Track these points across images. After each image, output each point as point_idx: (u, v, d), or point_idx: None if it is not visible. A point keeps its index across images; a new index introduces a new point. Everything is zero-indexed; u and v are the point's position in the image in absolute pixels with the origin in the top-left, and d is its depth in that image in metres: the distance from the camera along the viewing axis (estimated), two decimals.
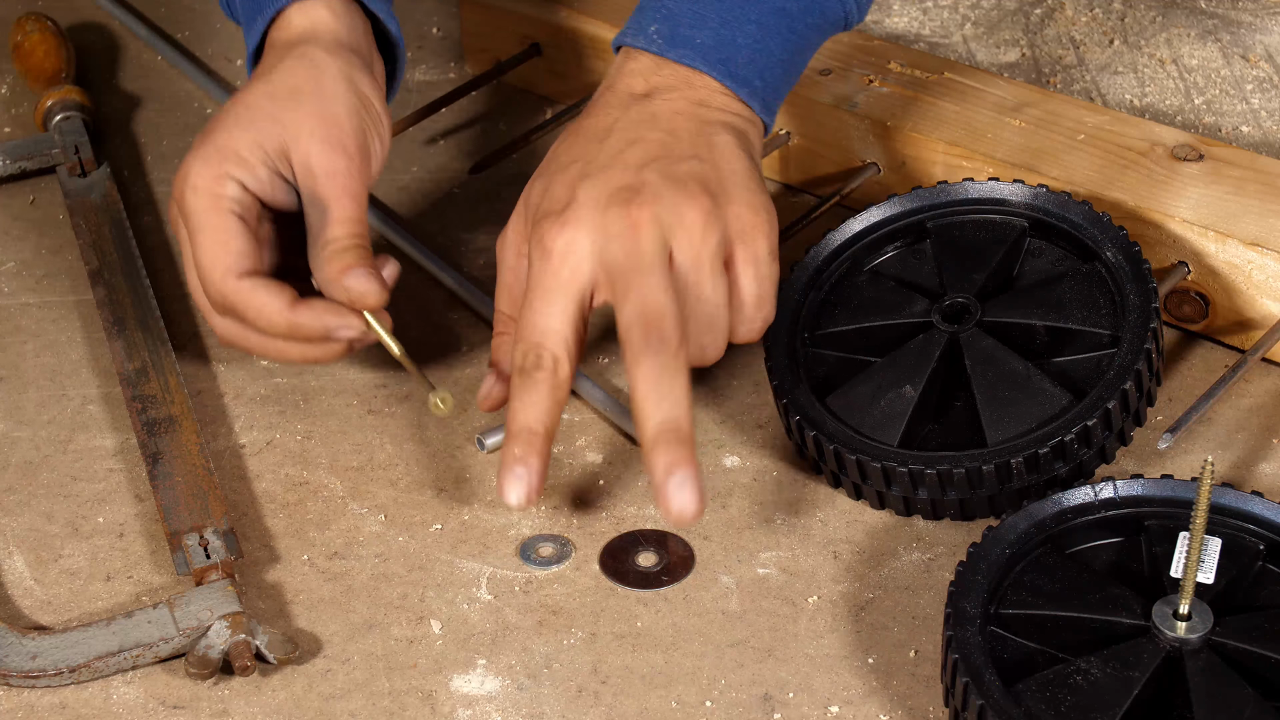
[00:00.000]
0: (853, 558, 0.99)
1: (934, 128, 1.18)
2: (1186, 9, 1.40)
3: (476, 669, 0.94)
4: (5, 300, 1.19)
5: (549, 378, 0.95)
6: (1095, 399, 0.98)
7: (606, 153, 0.99)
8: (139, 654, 0.94)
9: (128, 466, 1.07)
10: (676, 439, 0.93)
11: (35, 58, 1.35)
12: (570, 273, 0.96)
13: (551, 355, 0.95)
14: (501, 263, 1.03)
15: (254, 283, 1.01)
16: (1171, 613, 0.87)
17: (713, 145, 1.00)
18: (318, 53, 1.05)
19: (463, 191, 1.27)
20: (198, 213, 1.01)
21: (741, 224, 0.98)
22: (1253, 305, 1.08)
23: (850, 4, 1.06)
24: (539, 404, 0.95)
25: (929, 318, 1.04)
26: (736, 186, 0.99)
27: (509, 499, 0.96)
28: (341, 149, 1.02)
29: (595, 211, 0.96)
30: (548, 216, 0.97)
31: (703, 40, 1.02)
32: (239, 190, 1.02)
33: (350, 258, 1.01)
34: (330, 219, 1.01)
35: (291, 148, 1.02)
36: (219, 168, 1.01)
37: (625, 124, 1.01)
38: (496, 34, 1.35)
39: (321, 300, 1.02)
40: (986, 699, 0.85)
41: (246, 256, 1.01)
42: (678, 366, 0.94)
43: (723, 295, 0.98)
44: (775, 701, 0.92)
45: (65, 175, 1.27)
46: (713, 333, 0.98)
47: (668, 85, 1.02)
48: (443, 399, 1.01)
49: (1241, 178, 1.11)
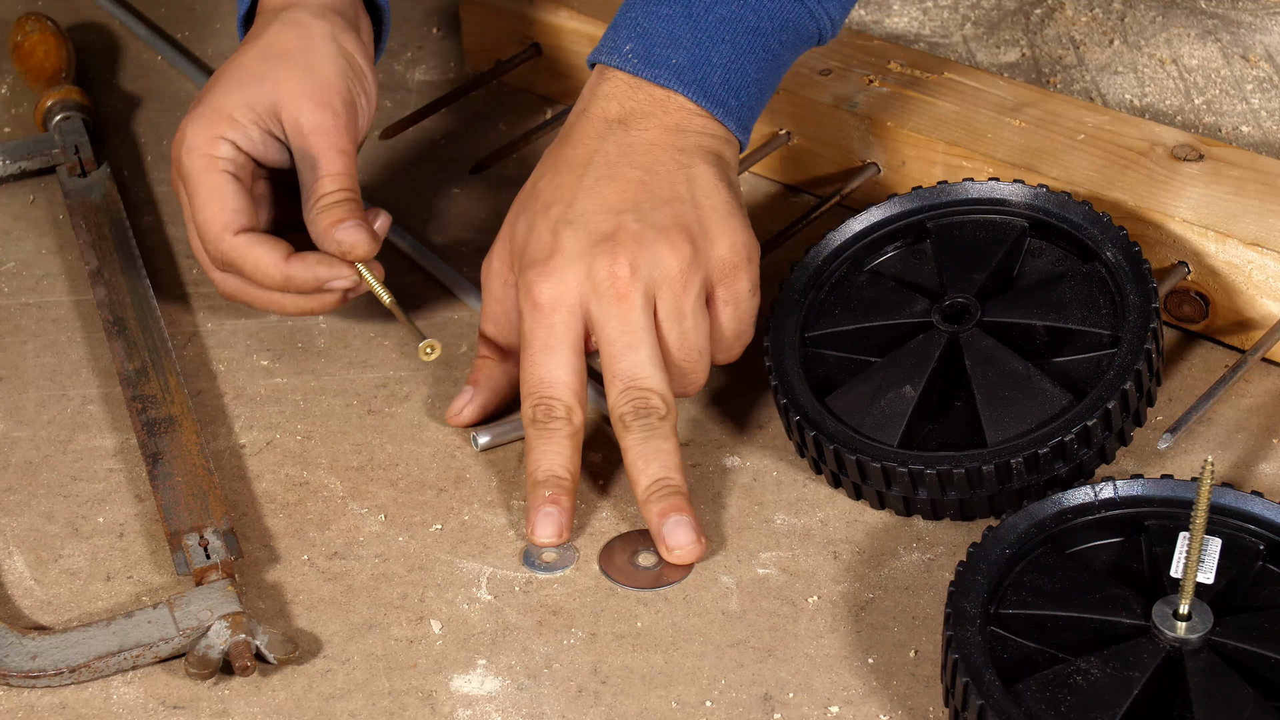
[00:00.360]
0: (853, 558, 0.99)
1: (934, 128, 1.18)
2: (1186, 9, 1.40)
3: (476, 669, 0.94)
4: (5, 300, 1.19)
5: (564, 426, 1.00)
6: (1095, 399, 0.98)
7: (585, 191, 1.02)
8: (139, 654, 0.94)
9: (128, 466, 1.07)
10: (669, 491, 0.99)
11: (35, 58, 1.35)
12: (563, 323, 1.00)
13: (564, 405, 1.00)
14: (487, 291, 1.07)
15: (249, 238, 1.06)
16: (1171, 613, 0.87)
17: (692, 179, 1.03)
18: (304, 16, 1.10)
19: (463, 191, 1.27)
20: (194, 174, 1.06)
21: (723, 266, 1.02)
22: (1253, 305, 1.08)
23: (824, 21, 1.07)
24: (560, 452, 1.00)
25: (929, 318, 1.04)
26: (717, 225, 1.02)
27: (540, 538, 1.00)
28: (328, 106, 1.07)
29: (580, 262, 1.00)
30: (534, 265, 1.01)
31: (678, 60, 1.03)
32: (233, 150, 1.07)
33: (340, 211, 1.05)
34: (320, 174, 1.06)
35: (281, 107, 1.07)
36: (213, 129, 1.07)
37: (603, 156, 1.03)
38: (496, 34, 1.35)
39: (315, 253, 1.06)
40: (986, 699, 0.85)
41: (242, 214, 1.06)
42: (666, 431, 1.00)
43: (705, 336, 1.02)
44: (775, 701, 0.92)
45: (65, 175, 1.27)
46: (695, 369, 1.03)
47: (644, 111, 1.04)
48: (431, 346, 1.06)
49: (1241, 178, 1.11)
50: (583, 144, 1.04)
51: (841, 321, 1.06)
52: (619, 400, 1.00)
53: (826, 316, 1.07)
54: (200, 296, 1.18)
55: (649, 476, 0.99)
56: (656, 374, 1.00)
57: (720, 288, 1.02)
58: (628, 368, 1.00)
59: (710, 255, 1.01)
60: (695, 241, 1.01)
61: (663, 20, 1.04)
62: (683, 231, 1.01)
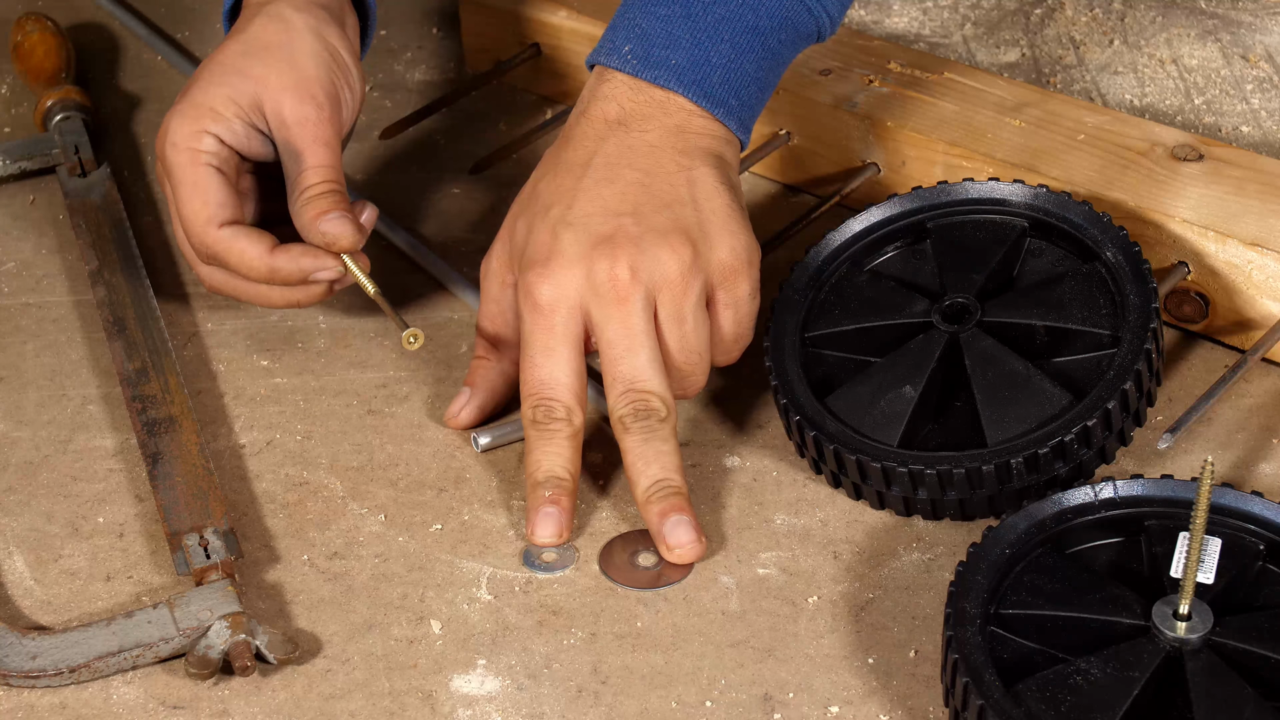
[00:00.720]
0: (853, 558, 0.99)
1: (934, 128, 1.18)
2: (1186, 9, 1.40)
3: (476, 669, 0.94)
4: (5, 300, 1.19)
5: (564, 426, 1.00)
6: (1095, 399, 0.98)
7: (585, 193, 1.02)
8: (139, 654, 0.94)
9: (128, 466, 1.07)
10: (669, 492, 0.99)
11: (35, 58, 1.35)
12: (563, 324, 1.00)
13: (564, 406, 1.00)
14: (485, 292, 1.07)
15: (234, 231, 1.06)
16: (1171, 613, 0.87)
17: (693, 182, 1.03)
18: (287, 10, 1.10)
19: (463, 191, 1.27)
20: (178, 168, 1.07)
21: (723, 270, 1.02)
22: (1253, 305, 1.08)
23: (823, 20, 1.07)
24: (560, 453, 1.00)
25: (929, 318, 1.04)
26: (717, 229, 1.02)
27: (540, 538, 1.00)
28: (311, 98, 1.08)
29: (580, 263, 1.00)
30: (533, 266, 1.01)
31: (677, 61, 1.03)
32: (216, 144, 1.07)
33: (325, 203, 1.06)
34: (304, 167, 1.07)
35: (264, 100, 1.08)
36: (196, 124, 1.07)
37: (603, 158, 1.03)
38: (496, 34, 1.35)
39: (299, 245, 1.07)
40: (986, 699, 0.85)
41: (225, 207, 1.07)
42: (666, 433, 1.00)
43: (705, 339, 1.02)
44: (775, 701, 0.92)
45: (65, 175, 1.27)
46: (694, 371, 1.03)
47: (644, 113, 1.04)
48: (414, 335, 1.06)
49: (1241, 178, 1.11)
50: (583, 145, 1.04)
51: (841, 321, 1.06)
52: (619, 402, 1.00)
53: (826, 316, 1.07)
54: (200, 296, 1.18)
55: (649, 478, 0.99)
56: (656, 376, 1.00)
57: (720, 291, 1.02)
58: (628, 370, 1.00)
59: (710, 259, 1.01)
60: (696, 245, 1.01)
61: (661, 20, 1.04)
62: (683, 234, 1.01)
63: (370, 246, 1.22)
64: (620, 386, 1.00)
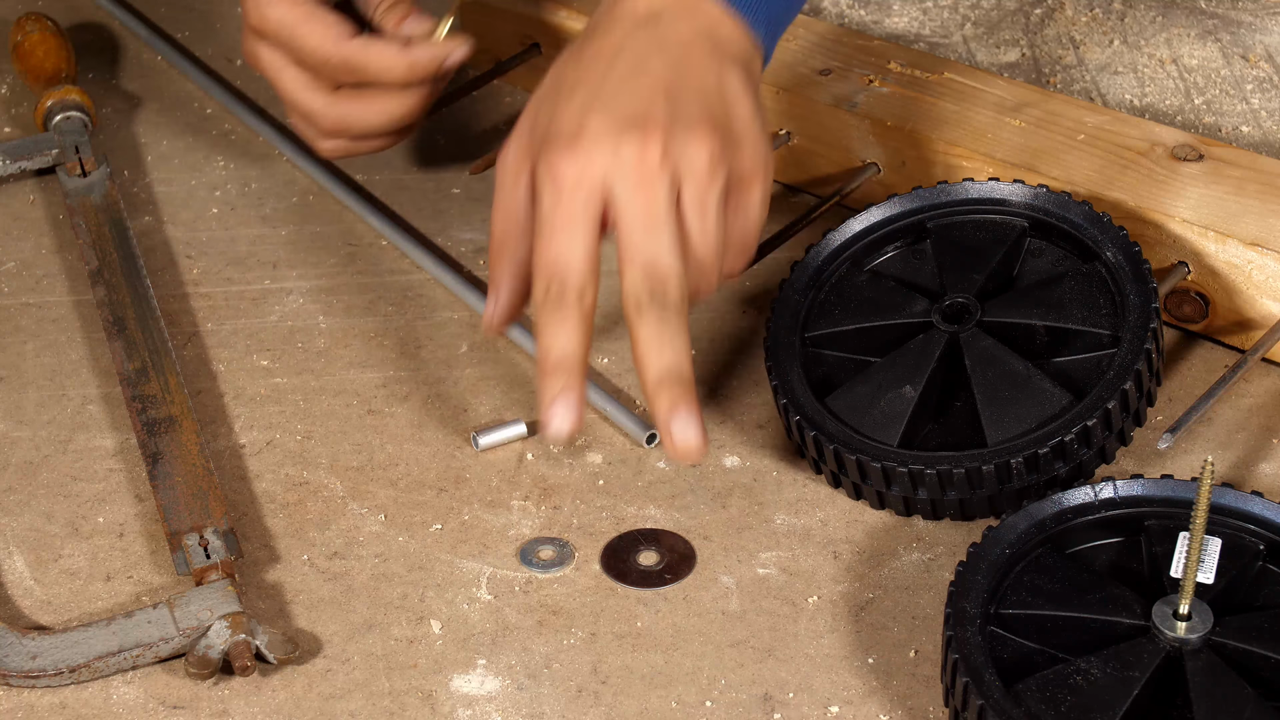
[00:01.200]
0: (853, 558, 0.99)
1: (934, 128, 1.18)
2: (1186, 9, 1.40)
3: (476, 669, 0.94)
4: (5, 300, 1.19)
5: (576, 305, 0.96)
6: (1095, 399, 0.98)
7: (614, 79, 0.99)
8: (139, 654, 0.94)
9: (128, 466, 1.07)
10: (678, 382, 0.95)
11: (35, 58, 1.35)
12: (584, 203, 0.96)
13: (576, 285, 0.96)
14: (500, 186, 1.01)
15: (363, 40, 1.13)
16: (1171, 613, 0.87)
17: (722, 81, 1.00)
18: None
19: (463, 191, 1.27)
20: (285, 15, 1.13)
21: (743, 170, 0.99)
22: (1253, 305, 1.08)
23: None
24: (570, 333, 0.96)
25: (929, 318, 1.04)
26: (743, 131, 0.99)
27: (554, 431, 0.95)
28: None
29: (608, 141, 0.96)
30: (557, 145, 0.97)
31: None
32: None
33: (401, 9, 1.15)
34: None
35: None
36: None
37: (633, 47, 1.00)
38: (496, 34, 1.35)
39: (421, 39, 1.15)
40: (986, 699, 0.85)
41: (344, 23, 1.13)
42: (679, 322, 0.95)
43: (720, 237, 0.98)
44: (775, 701, 0.92)
45: (65, 175, 1.27)
46: (707, 269, 0.99)
47: (673, 11, 1.01)
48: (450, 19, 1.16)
49: (1241, 178, 1.11)
50: (610, 37, 1.01)
51: (841, 321, 1.06)
52: (635, 282, 0.96)
53: (826, 316, 1.07)
54: (200, 296, 1.18)
55: (660, 365, 0.95)
56: (676, 261, 0.96)
57: (737, 192, 0.99)
58: (649, 251, 0.96)
59: (734, 156, 0.99)
60: (724, 139, 0.98)
61: None
62: (713, 126, 0.97)
63: (370, 246, 1.22)
64: (638, 267, 0.96)
